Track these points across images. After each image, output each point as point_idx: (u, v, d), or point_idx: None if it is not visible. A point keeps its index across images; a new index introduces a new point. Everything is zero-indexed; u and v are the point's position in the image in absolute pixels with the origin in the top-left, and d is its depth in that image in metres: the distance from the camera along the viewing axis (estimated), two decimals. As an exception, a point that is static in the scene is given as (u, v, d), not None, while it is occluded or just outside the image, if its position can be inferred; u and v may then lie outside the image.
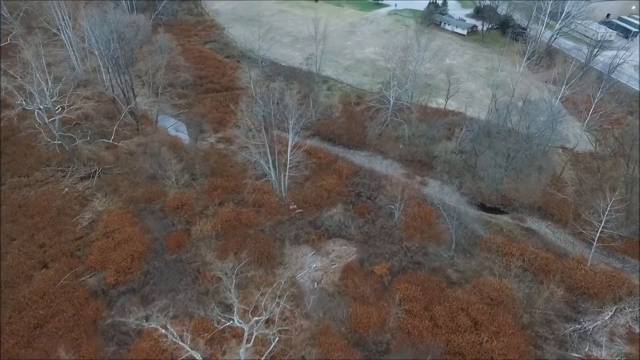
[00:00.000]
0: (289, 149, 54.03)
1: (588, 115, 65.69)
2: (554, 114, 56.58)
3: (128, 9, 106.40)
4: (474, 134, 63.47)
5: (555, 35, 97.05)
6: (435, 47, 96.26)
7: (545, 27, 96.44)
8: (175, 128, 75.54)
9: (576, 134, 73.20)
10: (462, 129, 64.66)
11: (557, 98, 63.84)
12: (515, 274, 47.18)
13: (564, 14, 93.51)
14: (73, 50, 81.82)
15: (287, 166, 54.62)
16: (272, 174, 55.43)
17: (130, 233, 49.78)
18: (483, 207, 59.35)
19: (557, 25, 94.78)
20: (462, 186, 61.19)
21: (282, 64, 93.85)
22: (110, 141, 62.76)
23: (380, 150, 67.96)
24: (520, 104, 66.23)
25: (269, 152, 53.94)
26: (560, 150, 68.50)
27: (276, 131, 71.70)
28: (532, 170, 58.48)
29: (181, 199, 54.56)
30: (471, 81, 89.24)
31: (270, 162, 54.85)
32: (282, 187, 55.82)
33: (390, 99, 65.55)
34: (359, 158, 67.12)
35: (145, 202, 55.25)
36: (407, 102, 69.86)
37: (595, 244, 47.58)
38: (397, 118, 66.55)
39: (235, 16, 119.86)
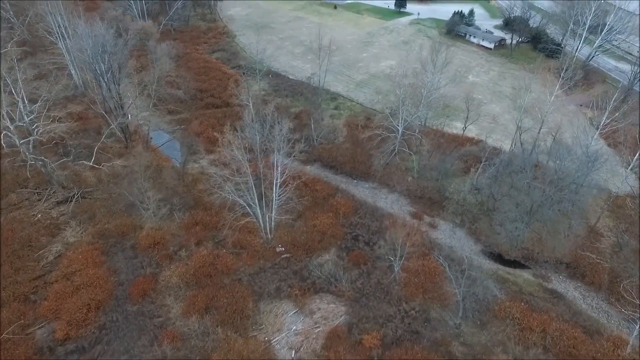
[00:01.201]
0: (275, 187, 46.41)
1: (635, 155, 55.12)
2: (590, 160, 46.73)
3: (138, 15, 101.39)
4: (493, 171, 54.22)
5: (594, 52, 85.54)
6: (458, 62, 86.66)
7: (582, 42, 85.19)
8: (170, 146, 69.45)
9: (614, 171, 62.74)
10: (478, 168, 55.40)
11: (594, 136, 53.35)
12: (535, 355, 38.21)
13: (605, 29, 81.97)
14: (72, 60, 76.80)
15: (273, 207, 47.10)
16: (257, 212, 48.02)
17: (93, 276, 43.44)
18: (500, 259, 50.21)
19: (597, 41, 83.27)
20: (477, 231, 52.26)
21: (291, 77, 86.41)
22: (91, 163, 56.93)
23: (386, 182, 59.53)
24: (549, 141, 56.37)
25: (253, 187, 46.50)
26: (594, 191, 58.22)
27: (274, 155, 64.90)
28: (560, 219, 48.84)
29: (155, 236, 47.90)
30: (495, 102, 79.26)
31: (256, 198, 47.41)
32: (268, 228, 48.37)
33: (399, 127, 56.97)
34: (362, 190, 58.93)
35: (117, 236, 48.93)
36: (418, 128, 60.97)
37: (638, 325, 37.99)
38: (406, 149, 57.85)
39: (249, 23, 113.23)
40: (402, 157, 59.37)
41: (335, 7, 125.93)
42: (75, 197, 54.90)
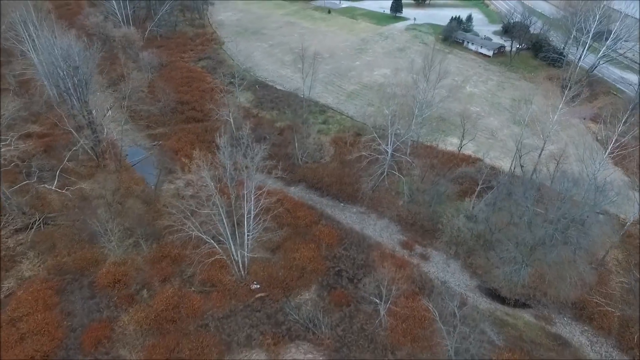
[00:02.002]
0: (247, 221, 41.12)
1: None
2: (599, 190, 41.41)
3: (123, 21, 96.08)
4: (491, 198, 48.96)
5: (598, 61, 79.94)
6: (455, 71, 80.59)
7: (586, 49, 79.64)
8: (146, 163, 64.26)
9: (624, 194, 57.33)
10: (474, 194, 50.11)
11: (601, 161, 47.79)
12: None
13: (611, 37, 76.35)
14: (45, 72, 71.44)
15: (246, 243, 41.86)
16: (230, 247, 42.72)
17: (42, 321, 38.29)
18: (498, 296, 44.93)
19: (602, 50, 77.67)
20: (473, 265, 47.03)
21: (278, 87, 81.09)
22: (53, 187, 51.80)
23: (375, 206, 54.26)
24: (552, 167, 50.95)
25: (224, 219, 41.14)
26: (601, 217, 52.84)
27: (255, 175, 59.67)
28: (565, 263, 43.36)
29: (116, 272, 42.72)
30: (494, 115, 73.83)
31: (228, 230, 42.14)
32: (241, 264, 43.13)
33: (388, 149, 51.65)
34: (349, 216, 53.66)
35: (76, 271, 43.76)
36: (410, 146, 55.67)
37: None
38: (395, 172, 52.46)
39: (240, 28, 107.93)
40: (392, 179, 54.06)
41: (329, 12, 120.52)
42: (37, 223, 49.81)
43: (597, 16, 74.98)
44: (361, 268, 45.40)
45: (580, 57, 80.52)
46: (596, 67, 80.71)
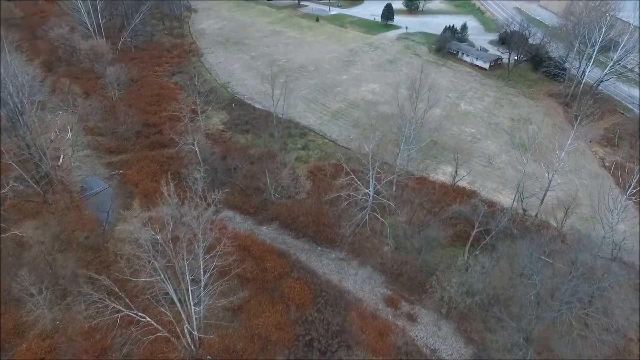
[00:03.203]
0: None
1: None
2: (616, 248, 33.77)
3: (94, 32, 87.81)
4: (489, 244, 41.31)
5: (604, 77, 72.09)
6: (448, 86, 72.14)
7: (590, 63, 71.89)
8: (104, 196, 56.29)
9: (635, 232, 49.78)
10: (469, 241, 42.45)
11: (621, 210, 39.79)
12: None
13: (619, 51, 68.45)
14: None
15: (196, 316, 33.94)
16: (182, 313, 34.87)
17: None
18: (499, 369, 37.30)
19: (610, 64, 69.79)
20: (468, 328, 39.38)
21: (257, 106, 73.10)
22: (-18, 234, 43.86)
23: (357, 251, 46.52)
24: (559, 216, 43.25)
25: (168, 285, 33.29)
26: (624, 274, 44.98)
27: (223, 212, 51.93)
28: (575, 319, 35.78)
29: (40, 349, 34.83)
30: (491, 138, 66.04)
31: (174, 294, 34.22)
32: (190, 340, 35.23)
33: (369, 192, 43.83)
34: (327, 263, 45.83)
35: (-6, 344, 36.02)
36: (396, 180, 47.86)
37: None
38: (379, 216, 44.48)
39: (221, 38, 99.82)
40: (375, 223, 46.14)
41: (317, 20, 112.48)
42: (-38, 276, 41.84)
43: (604, 29, 67.16)
44: (336, 336, 37.59)
45: (585, 72, 72.72)
46: (601, 82, 72.95)
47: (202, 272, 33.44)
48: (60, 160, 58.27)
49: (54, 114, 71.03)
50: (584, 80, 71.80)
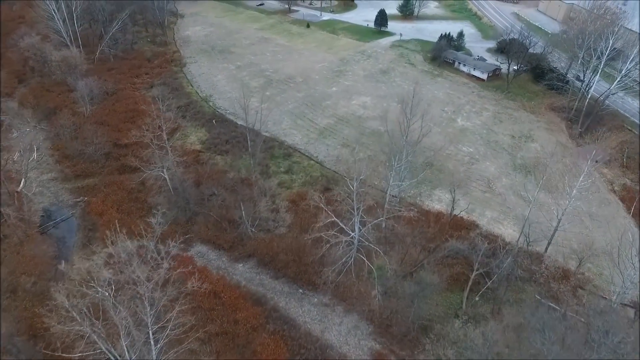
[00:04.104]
0: None
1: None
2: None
3: (69, 41, 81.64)
4: (491, 288, 35.80)
5: (611, 92, 66.42)
6: (444, 99, 65.72)
7: (597, 76, 66.30)
8: (68, 226, 50.58)
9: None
10: (468, 285, 36.89)
11: None
12: None
13: (627, 63, 62.77)
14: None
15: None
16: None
17: None
18: None
19: (618, 79, 64.14)
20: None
21: (240, 122, 67.13)
22: None
23: (342, 296, 40.87)
24: (572, 266, 37.60)
25: (123, 345, 27.48)
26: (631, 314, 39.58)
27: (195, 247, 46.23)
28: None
29: None
30: (490, 158, 60.43)
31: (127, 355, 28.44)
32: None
33: (354, 236, 38.17)
34: (308, 310, 40.18)
35: None
36: (385, 216, 42.11)
37: None
38: (364, 259, 38.71)
39: (207, 46, 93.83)
40: (361, 266, 40.39)
41: (308, 26, 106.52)
42: None
43: (611, 40, 61.58)
44: (315, 407, 32.09)
45: (591, 85, 67.16)
46: (608, 96, 67.34)
47: (152, 343, 27.76)
48: (21, 185, 52.68)
49: (20, 131, 65.77)
50: (589, 95, 66.17)
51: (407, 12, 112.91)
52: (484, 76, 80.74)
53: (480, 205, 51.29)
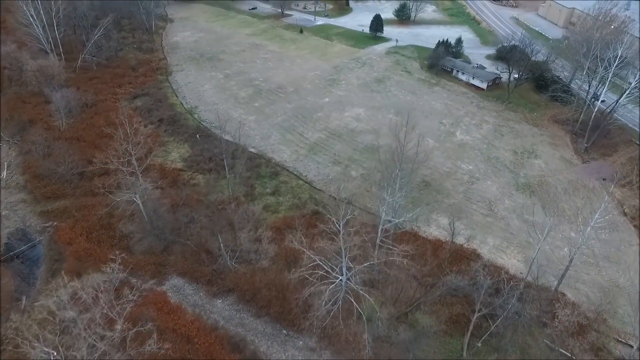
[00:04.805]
0: None
1: None
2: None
3: (50, 49, 77.04)
4: (494, 332, 31.49)
5: (618, 105, 62.14)
6: (442, 110, 60.73)
7: (605, 87, 61.96)
8: (35, 254, 46.15)
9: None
10: (469, 329, 32.54)
11: None
12: None
13: (637, 76, 58.39)
14: None
15: None
16: None
17: None
18: None
19: (627, 91, 59.86)
20: None
21: (226, 137, 62.47)
22: None
23: (330, 340, 36.51)
24: (584, 308, 33.20)
25: None
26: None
27: (171, 280, 41.74)
28: None
29: None
30: (491, 177, 56.07)
31: None
32: None
33: (342, 279, 33.78)
34: (292, 355, 35.76)
35: None
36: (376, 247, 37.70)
37: None
38: (353, 301, 34.28)
39: (195, 53, 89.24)
40: (350, 308, 35.98)
41: (301, 31, 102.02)
42: None
43: (619, 51, 57.28)
44: None
45: (598, 97, 62.90)
46: (613, 107, 63.07)
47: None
48: (-13, 207, 48.22)
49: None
50: (596, 108, 61.87)
51: (403, 17, 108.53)
52: (484, 85, 76.44)
53: (482, 230, 46.97)
